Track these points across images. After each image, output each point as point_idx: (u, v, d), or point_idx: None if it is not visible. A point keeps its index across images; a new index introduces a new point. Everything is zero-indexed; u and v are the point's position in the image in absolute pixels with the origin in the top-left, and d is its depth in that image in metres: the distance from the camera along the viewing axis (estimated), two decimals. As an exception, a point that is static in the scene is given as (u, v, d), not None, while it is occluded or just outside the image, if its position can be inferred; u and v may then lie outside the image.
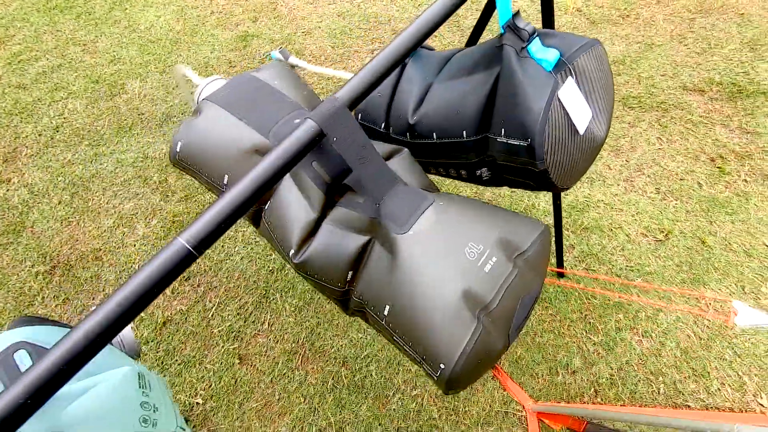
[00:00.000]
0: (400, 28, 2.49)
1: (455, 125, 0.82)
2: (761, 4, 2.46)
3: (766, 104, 2.04)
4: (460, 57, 0.87)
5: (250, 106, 0.67)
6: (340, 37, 2.49)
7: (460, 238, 0.52)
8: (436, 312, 0.49)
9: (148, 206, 1.92)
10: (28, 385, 0.37)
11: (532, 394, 1.43)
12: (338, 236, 0.58)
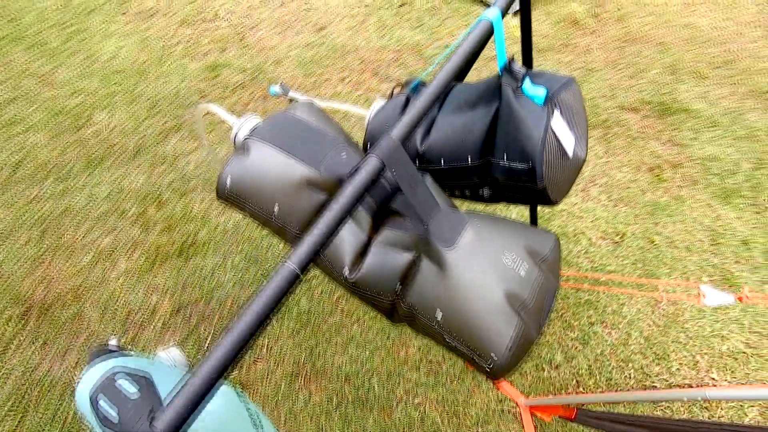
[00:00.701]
0: (367, 57, 2.64)
1: (461, 152, 0.94)
2: (676, 34, 2.87)
3: (688, 120, 2.37)
4: (459, 93, 1.00)
5: (296, 142, 0.75)
6: (311, 66, 2.59)
7: (496, 249, 0.63)
8: (485, 312, 0.59)
9: (128, 240, 1.89)
10: (180, 408, 0.41)
11: (523, 391, 1.55)
12: (388, 255, 0.67)
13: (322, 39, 2.75)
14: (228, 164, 0.76)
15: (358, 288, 0.69)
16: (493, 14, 0.83)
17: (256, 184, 0.74)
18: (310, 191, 0.72)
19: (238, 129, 0.83)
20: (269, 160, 0.73)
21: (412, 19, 2.90)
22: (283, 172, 0.72)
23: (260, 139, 0.76)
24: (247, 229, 1.92)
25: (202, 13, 2.91)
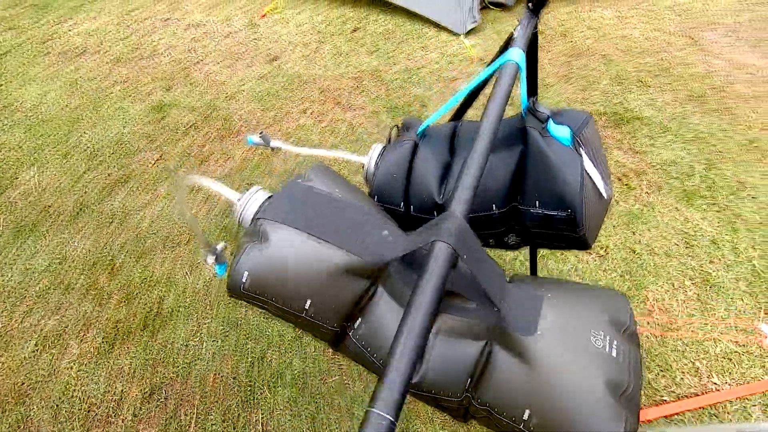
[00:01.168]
0: (326, 86, 2.53)
1: (485, 200, 0.86)
2: (615, 46, 3.04)
3: (642, 127, 2.49)
4: (474, 134, 0.92)
5: (323, 221, 0.62)
6: (268, 100, 2.44)
7: (582, 329, 0.55)
8: (588, 411, 0.51)
9: (79, 318, 1.62)
10: None
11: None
12: (454, 347, 0.57)
13: (277, 70, 2.61)
14: (242, 256, 0.61)
15: (420, 390, 0.58)
16: (518, 56, 0.76)
17: (281, 278, 0.60)
18: (349, 280, 0.60)
19: (244, 207, 0.69)
20: (296, 248, 0.60)
21: (367, 44, 2.84)
22: (316, 261, 0.59)
23: (280, 222, 0.63)
24: (221, 287, 1.72)
25: (139, 49, 2.67)
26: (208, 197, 1.96)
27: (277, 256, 0.60)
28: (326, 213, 0.64)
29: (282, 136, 2.27)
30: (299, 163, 2.16)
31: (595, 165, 0.86)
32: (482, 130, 0.64)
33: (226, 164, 2.12)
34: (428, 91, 2.57)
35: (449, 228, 0.51)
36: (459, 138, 0.96)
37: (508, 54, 0.78)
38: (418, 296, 0.45)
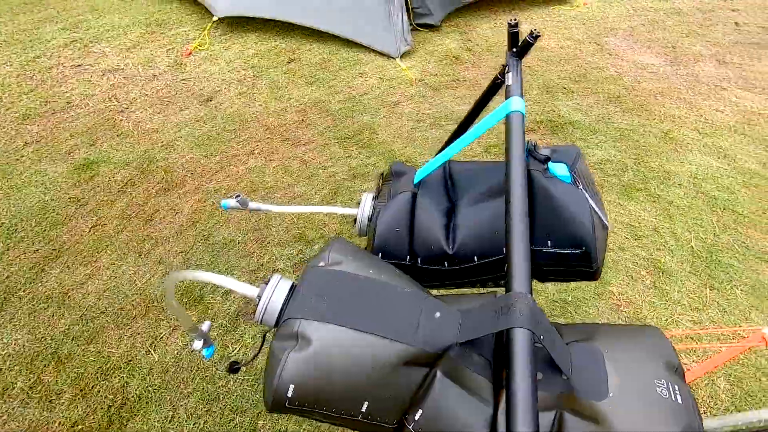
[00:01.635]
0: (270, 123, 2.44)
1: (495, 245, 0.86)
2: (536, 57, 3.26)
3: (575, 131, 2.68)
4: (469, 181, 0.91)
5: (367, 310, 0.56)
6: (210, 144, 2.30)
7: (647, 382, 0.55)
8: None
9: (24, 427, 1.38)
10: None
11: None
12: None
13: (213, 111, 2.47)
14: (283, 367, 0.54)
15: None
16: (520, 105, 0.77)
17: (332, 383, 0.54)
18: (407, 371, 0.55)
19: (266, 305, 0.61)
20: (345, 347, 0.54)
21: (305, 75, 2.79)
22: (370, 359, 0.54)
23: (318, 321, 0.56)
24: (194, 359, 1.56)
25: (49, 102, 2.39)
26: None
27: (324, 361, 0.54)
28: (367, 300, 0.59)
29: (231, 181, 2.14)
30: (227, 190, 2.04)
31: (591, 197, 0.89)
32: (513, 185, 0.64)
33: (175, 220, 1.95)
34: (375, 117, 2.57)
35: (523, 311, 0.48)
36: (455, 181, 0.95)
37: (511, 104, 0.78)
38: (518, 391, 0.42)
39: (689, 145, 2.69)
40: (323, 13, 2.92)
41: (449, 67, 3.04)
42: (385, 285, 0.61)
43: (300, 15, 2.92)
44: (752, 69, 3.53)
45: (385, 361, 0.54)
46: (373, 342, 0.54)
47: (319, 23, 2.94)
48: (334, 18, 2.94)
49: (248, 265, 1.83)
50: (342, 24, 2.95)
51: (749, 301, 1.91)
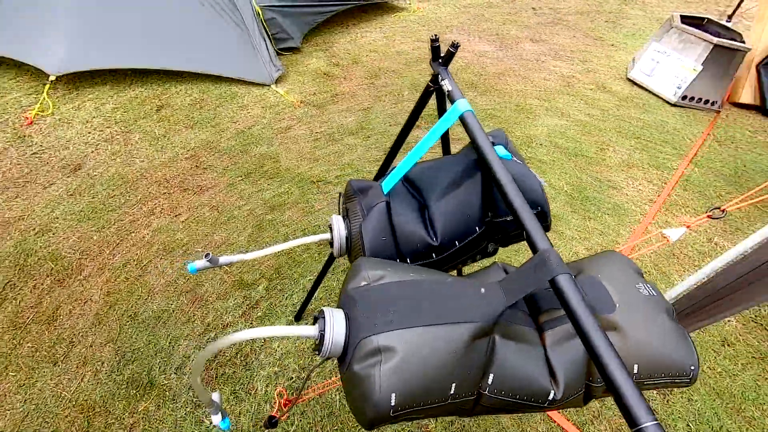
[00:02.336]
0: (162, 176, 2.24)
1: (469, 226, 0.99)
2: (397, 61, 3.57)
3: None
4: (434, 178, 1.03)
5: (427, 308, 0.62)
6: (98, 216, 2.02)
7: (631, 289, 0.72)
8: (669, 343, 0.68)
9: None
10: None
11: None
12: (570, 351, 0.67)
13: (88, 179, 2.18)
14: (379, 380, 0.57)
15: (564, 401, 0.66)
16: (467, 105, 0.90)
17: (425, 377, 0.59)
18: (475, 345, 0.63)
19: (332, 337, 0.63)
20: (424, 344, 0.59)
21: (181, 119, 2.61)
22: (446, 345, 0.60)
23: (391, 330, 0.60)
24: (170, 449, 1.40)
25: None
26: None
27: (413, 362, 0.59)
28: (422, 298, 0.65)
29: (139, 249, 1.93)
30: (179, 268, 1.88)
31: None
32: (496, 169, 0.76)
33: (86, 310, 1.69)
34: (272, 146, 2.55)
35: (557, 261, 0.61)
36: (415, 183, 1.05)
37: (459, 106, 0.91)
38: (586, 325, 0.54)
39: (537, 112, 3.25)
40: (181, 53, 2.77)
41: (324, 84, 3.15)
42: (429, 281, 0.69)
43: (154, 59, 2.72)
44: (555, 42, 4.37)
45: (458, 343, 0.62)
46: (443, 331, 0.62)
47: (179, 64, 2.78)
48: (196, 56, 2.81)
49: (194, 331, 1.69)
50: (205, 61, 2.84)
51: (616, 221, 2.41)
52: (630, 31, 4.91)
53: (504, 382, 0.65)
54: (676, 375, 0.69)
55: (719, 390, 1.74)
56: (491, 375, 0.65)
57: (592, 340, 0.54)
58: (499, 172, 0.76)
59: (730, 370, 1.83)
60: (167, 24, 2.70)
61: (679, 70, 3.53)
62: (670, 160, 3.01)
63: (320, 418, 1.51)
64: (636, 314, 0.70)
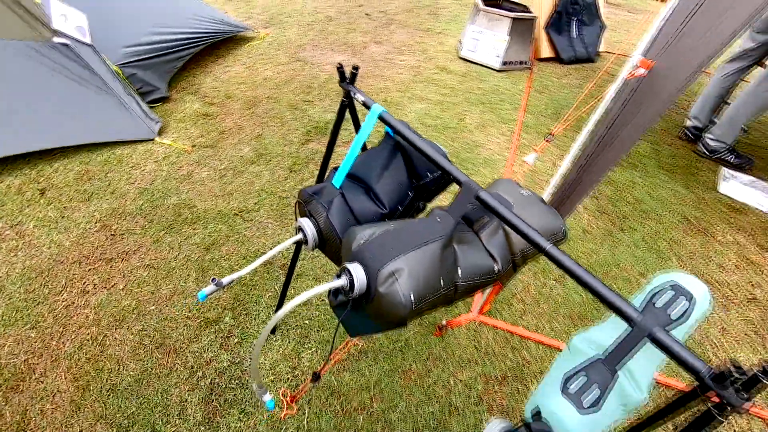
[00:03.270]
0: (78, 255, 2.18)
1: (404, 193, 1.34)
2: (267, 86, 3.78)
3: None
4: (369, 167, 1.34)
5: (410, 238, 0.93)
6: (25, 313, 1.92)
7: (517, 193, 1.13)
8: (547, 216, 1.11)
9: None
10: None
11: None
12: (497, 240, 1.05)
13: (13, 260, 2.02)
14: (399, 290, 0.86)
15: (503, 271, 1.05)
16: (379, 107, 1.24)
17: (426, 278, 0.91)
18: (446, 251, 0.97)
19: (356, 279, 0.91)
20: (418, 259, 0.91)
21: (71, 195, 2.51)
22: (430, 255, 0.93)
23: (395, 257, 0.90)
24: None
25: None
26: None
27: (415, 271, 0.91)
28: (404, 234, 0.97)
29: (88, 328, 1.89)
30: (140, 331, 1.90)
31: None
32: (415, 140, 1.12)
33: (58, 402, 1.65)
34: (181, 194, 2.61)
35: (476, 185, 0.98)
36: (356, 173, 1.36)
37: (375, 108, 1.24)
38: (506, 214, 0.93)
39: (402, 102, 3.77)
40: (47, 131, 2.63)
41: (208, 124, 3.24)
42: (404, 225, 1.01)
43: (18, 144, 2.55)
44: (395, 41, 5.00)
45: (435, 253, 0.95)
46: (425, 249, 0.95)
47: (48, 142, 2.64)
48: (64, 130, 2.69)
49: (180, 377, 1.77)
50: (76, 133, 2.73)
51: (490, 170, 3.01)
52: (449, 19, 5.81)
53: (468, 270, 1.01)
54: (557, 234, 1.13)
55: (591, 264, 2.40)
56: (459, 269, 1.00)
57: (512, 221, 0.92)
58: (419, 142, 1.13)
59: (593, 249, 2.52)
60: (23, 105, 2.54)
61: (494, 42, 4.38)
62: (510, 114, 3.78)
63: (325, 398, 1.75)
64: (525, 206, 1.12)
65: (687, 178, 3.23)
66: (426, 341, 1.99)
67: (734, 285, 2.42)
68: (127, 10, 3.34)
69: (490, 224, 1.09)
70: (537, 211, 1.13)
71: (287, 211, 2.58)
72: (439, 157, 1.13)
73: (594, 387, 0.77)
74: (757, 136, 3.88)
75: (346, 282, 0.94)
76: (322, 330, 1.98)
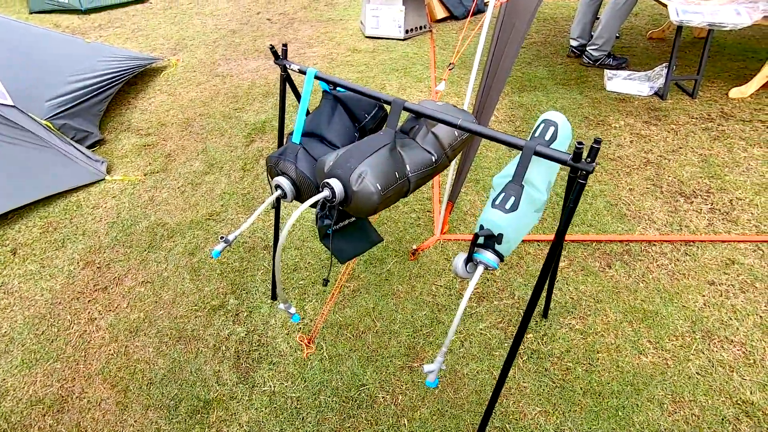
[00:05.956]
0: (72, 294, 2.31)
1: (352, 134, 1.65)
2: (203, 113, 3.93)
3: (270, 129, 3.60)
4: (317, 121, 1.63)
5: (364, 148, 1.23)
6: (42, 354, 2.05)
7: (438, 107, 1.48)
8: (469, 116, 1.47)
9: None
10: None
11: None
12: (429, 139, 1.39)
13: None
14: (371, 183, 1.18)
15: (440, 162, 1.39)
16: (314, 70, 1.54)
17: (385, 173, 1.23)
18: (395, 153, 1.30)
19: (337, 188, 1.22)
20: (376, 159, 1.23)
21: (44, 247, 2.60)
22: (385, 156, 1.25)
23: (359, 163, 1.22)
24: None
25: None
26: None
27: (376, 168, 1.22)
28: (360, 148, 1.28)
29: (108, 346, 2.06)
30: (156, 334, 2.10)
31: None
32: (352, 86, 1.43)
33: (105, 408, 1.83)
34: (150, 217, 2.76)
35: (402, 100, 1.31)
36: (309, 130, 1.65)
37: (310, 72, 1.54)
38: (431, 113, 1.26)
39: (326, 87, 4.05)
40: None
41: (152, 153, 3.37)
42: (359, 142, 1.33)
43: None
44: (303, 36, 5.24)
45: (386, 154, 1.28)
46: (379, 153, 1.27)
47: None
48: (9, 191, 2.75)
49: (207, 355, 2.00)
50: (23, 191, 2.80)
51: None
52: (345, 6, 6.13)
53: (414, 165, 1.35)
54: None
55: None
56: (407, 165, 1.34)
57: (432, 114, 1.26)
58: (355, 87, 1.44)
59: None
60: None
61: (393, 15, 4.76)
62: (423, 73, 4.18)
63: (336, 332, 2.05)
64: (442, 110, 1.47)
65: (580, 87, 3.79)
66: (404, 266, 2.33)
67: (632, 156, 2.96)
68: (38, 65, 3.37)
69: (420, 129, 1.43)
70: (452, 111, 1.49)
71: (253, 203, 2.82)
72: (370, 90, 1.45)
73: (510, 197, 1.13)
74: (628, 40, 4.54)
75: (329, 192, 1.24)
76: (317, 285, 2.26)
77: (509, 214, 1.12)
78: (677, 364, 1.82)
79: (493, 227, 1.12)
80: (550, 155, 1.07)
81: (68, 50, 3.76)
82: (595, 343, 1.92)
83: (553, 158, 1.07)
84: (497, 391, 1.42)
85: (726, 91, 3.53)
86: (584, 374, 1.82)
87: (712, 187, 2.67)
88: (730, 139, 3.04)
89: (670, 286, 2.13)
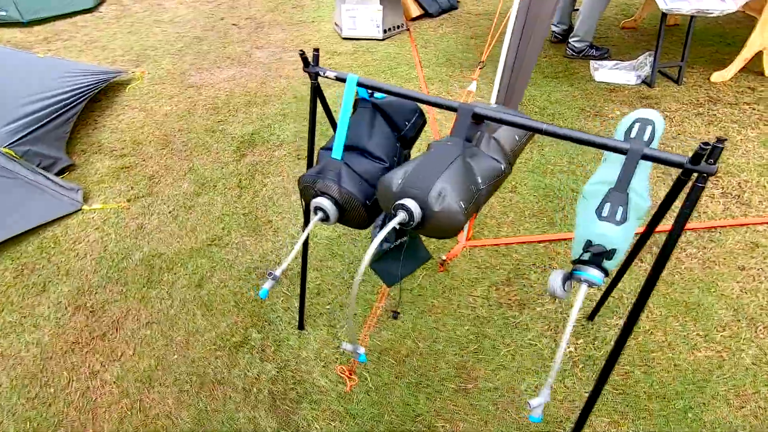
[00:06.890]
0: (64, 345, 2.02)
1: (394, 145, 1.51)
2: (175, 125, 3.63)
3: (276, 143, 3.37)
4: (355, 132, 1.46)
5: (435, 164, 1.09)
6: (43, 411, 1.76)
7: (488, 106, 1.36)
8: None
9: None
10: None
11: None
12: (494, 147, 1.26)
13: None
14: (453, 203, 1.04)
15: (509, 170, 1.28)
16: (355, 76, 1.37)
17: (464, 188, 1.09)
18: (466, 164, 1.17)
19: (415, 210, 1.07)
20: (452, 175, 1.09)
21: (21, 292, 2.27)
22: (458, 170, 1.12)
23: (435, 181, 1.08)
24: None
25: None
26: None
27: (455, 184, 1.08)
28: (429, 164, 1.14)
29: (120, 399, 1.81)
30: (131, 406, 1.86)
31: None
32: (398, 90, 1.28)
33: (133, 421, 1.60)
34: (143, 249, 2.49)
35: (470, 105, 1.18)
36: (348, 139, 1.48)
37: (350, 78, 1.37)
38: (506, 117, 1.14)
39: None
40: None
41: (132, 176, 3.06)
42: (423, 157, 1.18)
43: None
44: (275, 40, 5.00)
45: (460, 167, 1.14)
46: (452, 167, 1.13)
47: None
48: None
49: (238, 409, 1.79)
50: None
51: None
52: (314, 7, 5.91)
53: (484, 175, 1.22)
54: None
55: (529, 168, 2.77)
56: (478, 176, 1.21)
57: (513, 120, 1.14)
58: (408, 93, 1.29)
59: (525, 157, 2.90)
60: None
61: (371, 15, 4.61)
62: (410, 73, 4.07)
63: (377, 358, 1.89)
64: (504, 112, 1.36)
65: (569, 79, 3.79)
66: (435, 279, 2.20)
67: (636, 145, 2.97)
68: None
69: (483, 136, 1.31)
70: (512, 112, 1.38)
71: (257, 224, 2.60)
72: (422, 95, 1.31)
73: (618, 207, 1.03)
74: (602, 30, 4.62)
75: (405, 215, 1.09)
76: (345, 308, 2.09)
77: (620, 226, 1.01)
78: (731, 357, 1.80)
79: (605, 242, 1.02)
80: (662, 158, 0.97)
81: (20, 67, 3.36)
82: (647, 343, 1.87)
83: (665, 162, 0.97)
84: (585, 413, 1.32)
85: (707, 76, 3.64)
86: (644, 377, 1.77)
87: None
88: (723, 122, 3.12)
89: (703, 275, 2.12)
